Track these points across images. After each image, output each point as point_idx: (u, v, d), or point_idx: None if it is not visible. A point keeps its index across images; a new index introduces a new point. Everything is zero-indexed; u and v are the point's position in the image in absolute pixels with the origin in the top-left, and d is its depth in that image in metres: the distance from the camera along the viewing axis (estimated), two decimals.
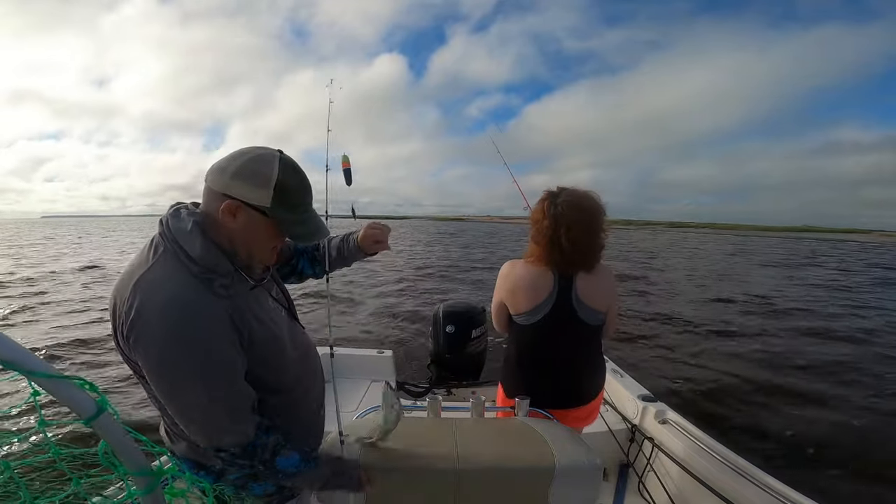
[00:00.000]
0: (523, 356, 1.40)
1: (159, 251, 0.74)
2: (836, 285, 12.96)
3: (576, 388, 1.40)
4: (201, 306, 0.72)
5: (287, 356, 0.86)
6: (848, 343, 6.31)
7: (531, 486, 0.99)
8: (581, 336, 1.35)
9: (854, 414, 3.89)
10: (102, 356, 4.69)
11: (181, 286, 0.71)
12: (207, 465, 0.84)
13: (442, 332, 2.38)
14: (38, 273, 11.44)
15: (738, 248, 32.62)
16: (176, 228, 0.75)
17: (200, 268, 0.73)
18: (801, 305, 9.14)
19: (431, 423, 1.24)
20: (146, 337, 0.69)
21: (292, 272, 1.17)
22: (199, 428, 0.75)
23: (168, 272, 0.72)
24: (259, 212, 0.75)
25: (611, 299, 1.36)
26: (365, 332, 6.04)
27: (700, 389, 4.31)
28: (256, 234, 0.78)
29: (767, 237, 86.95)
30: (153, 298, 0.69)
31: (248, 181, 0.73)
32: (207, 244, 0.74)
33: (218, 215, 0.75)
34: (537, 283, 1.31)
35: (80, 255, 17.35)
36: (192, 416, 0.74)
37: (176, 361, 0.70)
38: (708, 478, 1.57)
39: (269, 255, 0.84)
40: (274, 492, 0.89)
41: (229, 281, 0.76)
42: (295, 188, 0.77)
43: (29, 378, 0.45)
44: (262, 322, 0.81)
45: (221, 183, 0.74)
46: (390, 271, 11.93)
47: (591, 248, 1.30)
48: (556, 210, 1.28)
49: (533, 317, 1.32)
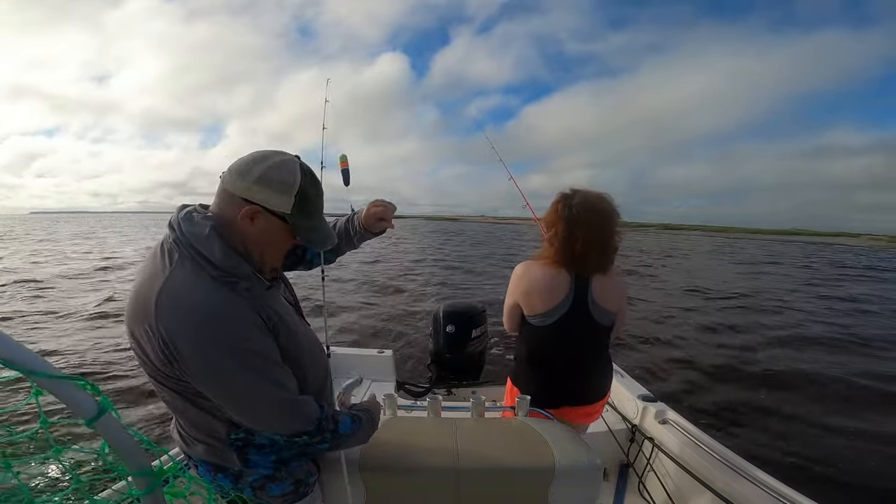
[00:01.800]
0: (537, 355, 1.40)
1: (175, 258, 0.73)
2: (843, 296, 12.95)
3: (588, 385, 1.42)
4: (230, 307, 0.73)
5: (304, 353, 0.88)
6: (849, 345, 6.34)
7: (531, 485, 0.99)
8: (595, 336, 1.38)
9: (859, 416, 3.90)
10: (103, 356, 4.69)
11: (207, 292, 0.72)
12: (226, 468, 0.84)
13: (442, 331, 2.38)
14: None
15: (728, 250, 32.92)
16: (191, 233, 0.73)
17: (221, 272, 0.73)
18: (797, 306, 9.19)
19: (431, 423, 1.24)
20: (190, 351, 0.69)
21: (300, 261, 1.17)
22: (275, 414, 0.78)
23: (190, 279, 0.71)
24: (279, 217, 0.76)
25: (622, 300, 1.38)
26: (365, 332, 6.04)
27: (700, 389, 4.31)
28: (273, 238, 0.79)
29: (756, 240, 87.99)
30: (181, 312, 0.69)
31: (272, 187, 0.73)
32: (226, 248, 0.74)
33: (236, 219, 0.74)
34: (554, 284, 1.31)
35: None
36: (263, 407, 0.76)
37: (226, 362, 0.71)
38: (708, 477, 1.57)
39: (280, 259, 0.87)
40: (290, 491, 0.89)
41: (250, 283, 0.77)
42: (314, 196, 0.79)
43: (30, 378, 0.45)
44: (282, 319, 0.83)
45: (243, 187, 0.73)
46: (389, 271, 11.94)
47: (606, 251, 1.31)
48: (571, 212, 1.28)
49: (549, 318, 1.32)
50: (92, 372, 4.20)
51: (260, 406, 0.76)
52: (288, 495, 0.89)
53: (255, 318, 0.76)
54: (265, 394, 0.75)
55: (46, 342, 5.14)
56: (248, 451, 0.83)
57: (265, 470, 0.85)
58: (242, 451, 0.82)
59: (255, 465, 0.84)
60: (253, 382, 0.74)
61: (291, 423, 0.79)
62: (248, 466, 0.84)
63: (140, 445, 0.59)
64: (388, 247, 20.10)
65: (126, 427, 0.57)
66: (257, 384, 0.74)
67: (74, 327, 5.90)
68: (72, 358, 4.59)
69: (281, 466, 0.87)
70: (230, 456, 0.82)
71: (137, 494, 0.61)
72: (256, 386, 0.74)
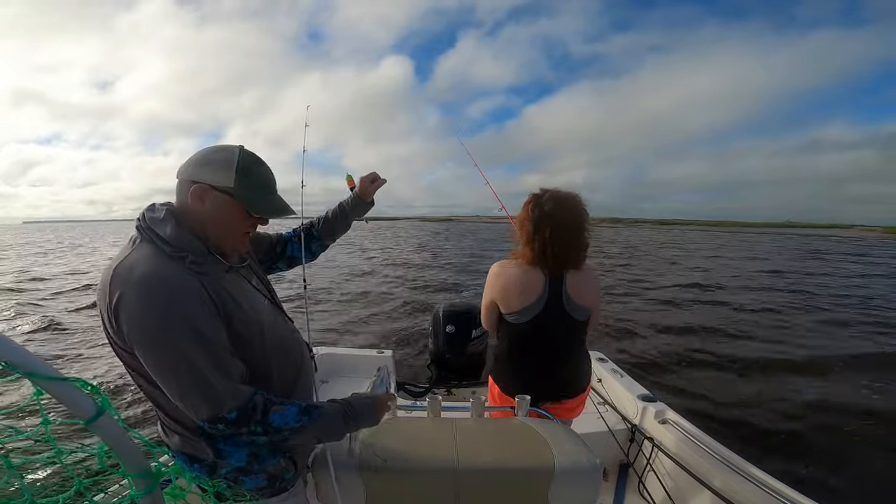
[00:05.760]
0: (515, 353, 1.44)
1: (136, 242, 0.79)
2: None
3: (568, 380, 1.45)
4: (175, 279, 0.75)
5: (266, 341, 0.87)
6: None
7: (531, 486, 0.99)
8: (571, 331, 1.41)
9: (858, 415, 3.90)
10: (105, 357, 4.70)
11: (155, 264, 0.75)
12: (201, 459, 0.84)
13: (442, 332, 2.38)
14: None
15: (722, 244, 33.08)
16: (150, 219, 0.80)
17: (173, 248, 0.77)
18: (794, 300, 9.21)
19: (431, 423, 1.24)
20: (128, 314, 0.71)
21: (279, 258, 1.20)
22: (191, 393, 0.74)
23: (143, 255, 0.76)
24: (225, 193, 0.81)
25: (596, 295, 1.42)
26: (365, 332, 6.05)
27: (700, 389, 4.31)
28: (225, 216, 0.83)
29: (748, 233, 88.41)
30: (130, 278, 0.73)
31: (212, 165, 0.80)
32: (179, 228, 0.79)
33: (188, 201, 0.81)
34: (528, 283, 1.35)
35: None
36: (185, 385, 0.74)
37: (159, 331, 0.72)
38: (708, 478, 1.57)
39: (241, 240, 0.88)
40: (265, 486, 0.89)
41: (202, 259, 0.80)
42: (256, 171, 0.84)
43: (29, 379, 0.46)
44: (238, 304, 0.83)
45: (187, 172, 0.81)
46: (389, 268, 11.96)
47: (576, 248, 1.35)
48: (541, 212, 1.33)
49: (525, 315, 1.36)
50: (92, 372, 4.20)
51: (180, 380, 0.73)
52: (263, 489, 0.89)
53: (202, 294, 0.76)
54: (187, 370, 0.73)
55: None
56: (218, 440, 0.83)
57: (238, 462, 0.85)
58: (213, 438, 0.82)
59: (228, 457, 0.84)
60: (179, 355, 0.72)
61: (206, 408, 0.74)
62: (221, 457, 0.84)
63: (140, 446, 0.59)
64: (385, 251, 20.28)
65: (125, 428, 0.57)
66: (183, 358, 0.72)
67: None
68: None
69: (254, 460, 0.86)
70: (202, 446, 0.82)
71: (136, 495, 0.61)
72: (182, 359, 0.72)
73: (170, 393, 0.75)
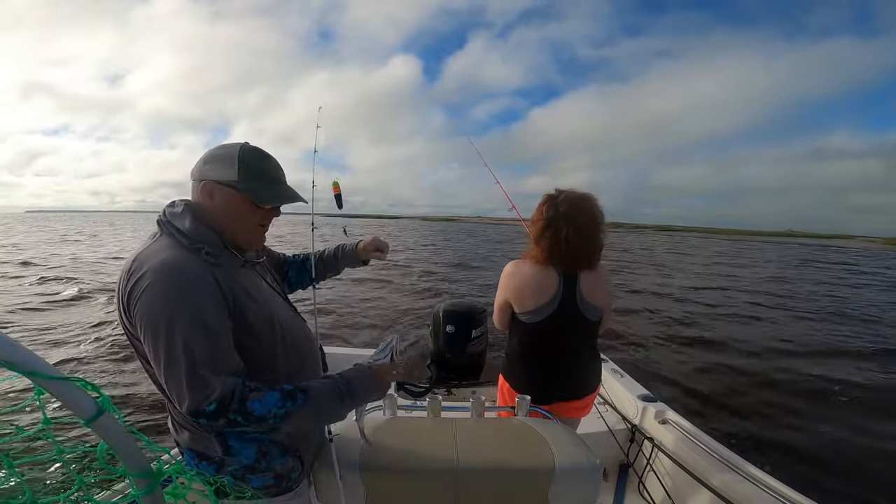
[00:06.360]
0: (528, 352, 1.43)
1: (157, 236, 0.84)
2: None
3: (579, 379, 1.45)
4: (191, 270, 0.77)
5: (277, 337, 0.88)
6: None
7: (531, 485, 0.99)
8: (584, 331, 1.42)
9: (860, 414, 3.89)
10: (107, 357, 4.70)
11: (173, 253, 0.78)
12: (210, 456, 0.85)
13: (442, 331, 2.37)
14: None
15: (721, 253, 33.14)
16: (170, 213, 0.85)
17: (190, 240, 0.81)
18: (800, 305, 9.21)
19: (431, 423, 1.24)
20: (140, 297, 0.74)
21: (283, 278, 1.22)
22: (181, 388, 0.72)
23: (162, 246, 0.81)
24: (230, 187, 0.84)
25: (609, 295, 1.42)
26: (365, 332, 6.05)
27: (700, 389, 4.31)
28: (234, 209, 0.86)
29: (751, 241, 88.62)
30: (148, 265, 0.76)
31: (216, 161, 0.85)
32: (196, 222, 0.83)
33: (200, 199, 0.86)
34: (543, 282, 1.35)
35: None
36: (175, 374, 0.72)
37: (164, 316, 0.72)
38: (708, 478, 1.57)
39: (255, 233, 0.91)
40: (271, 484, 0.89)
41: (218, 251, 0.83)
42: (258, 163, 0.87)
43: (29, 378, 0.46)
44: (252, 298, 0.84)
45: (197, 172, 0.87)
46: (389, 270, 11.96)
47: (591, 248, 1.35)
48: (557, 212, 1.33)
49: (539, 315, 1.36)
50: (92, 373, 4.21)
51: (172, 369, 0.72)
52: (269, 488, 0.89)
53: (213, 286, 0.78)
54: (181, 360, 0.71)
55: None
56: (227, 436, 0.83)
57: (246, 459, 0.85)
58: (222, 435, 0.82)
59: (237, 454, 0.84)
60: (179, 344, 0.71)
61: (190, 400, 0.72)
62: (230, 454, 0.84)
63: (140, 446, 0.59)
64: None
65: (126, 427, 0.57)
66: (182, 347, 0.71)
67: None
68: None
69: (262, 458, 0.86)
70: (211, 442, 0.83)
71: (137, 495, 0.61)
72: (179, 348, 0.71)
73: (160, 377, 0.74)
